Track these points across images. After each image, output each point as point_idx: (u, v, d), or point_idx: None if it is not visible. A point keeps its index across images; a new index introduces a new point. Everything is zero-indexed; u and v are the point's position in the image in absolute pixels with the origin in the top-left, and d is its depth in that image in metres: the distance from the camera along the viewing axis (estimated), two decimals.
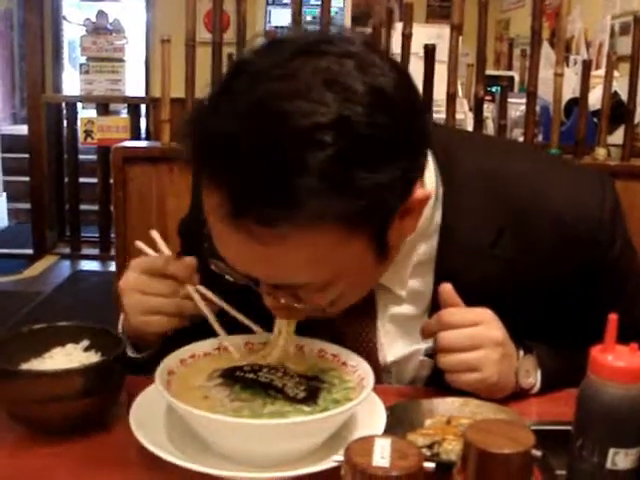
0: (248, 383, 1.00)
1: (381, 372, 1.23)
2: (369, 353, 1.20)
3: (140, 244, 1.18)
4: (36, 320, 1.17)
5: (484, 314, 1.12)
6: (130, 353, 1.18)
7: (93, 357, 1.10)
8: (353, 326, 1.22)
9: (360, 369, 1.03)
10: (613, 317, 0.82)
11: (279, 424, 0.91)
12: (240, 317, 1.13)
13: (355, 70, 0.90)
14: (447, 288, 1.12)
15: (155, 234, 1.18)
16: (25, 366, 1.08)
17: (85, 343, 1.13)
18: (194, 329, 1.13)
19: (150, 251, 1.17)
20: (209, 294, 1.13)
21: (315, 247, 0.92)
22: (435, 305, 1.16)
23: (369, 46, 0.96)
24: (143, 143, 3.59)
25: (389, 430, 0.97)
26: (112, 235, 5.48)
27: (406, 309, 1.21)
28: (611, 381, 0.81)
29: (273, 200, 0.86)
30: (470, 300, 1.12)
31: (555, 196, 1.16)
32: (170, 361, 1.03)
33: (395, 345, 1.23)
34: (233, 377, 1.02)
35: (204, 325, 1.12)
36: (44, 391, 1.00)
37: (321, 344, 1.10)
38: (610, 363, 0.81)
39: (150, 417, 1.00)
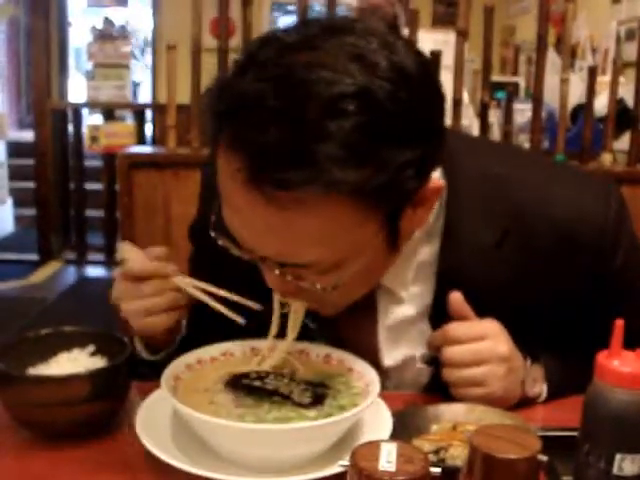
0: (254, 390, 1.01)
1: (383, 376, 1.22)
2: (370, 357, 1.20)
3: (125, 249, 1.15)
4: (41, 326, 1.17)
5: (490, 328, 1.11)
6: (145, 356, 1.19)
7: (99, 362, 1.10)
8: (354, 329, 1.22)
9: (366, 375, 1.03)
10: (619, 323, 0.82)
11: (283, 429, 0.91)
12: (232, 296, 1.11)
13: (379, 47, 0.92)
14: (457, 298, 1.11)
15: (126, 245, 1.15)
16: (31, 371, 1.08)
17: (91, 348, 1.13)
18: (207, 328, 1.13)
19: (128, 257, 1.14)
20: (195, 281, 1.12)
21: (329, 220, 0.91)
22: (437, 309, 1.16)
23: (391, 29, 0.98)
24: (148, 149, 3.59)
25: (395, 436, 0.97)
26: (118, 241, 5.49)
27: (406, 312, 1.20)
28: (617, 387, 0.81)
29: (293, 163, 0.86)
30: (473, 302, 1.11)
31: (558, 203, 1.16)
32: (176, 366, 1.03)
33: (394, 349, 1.23)
34: (239, 385, 1.02)
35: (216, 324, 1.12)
36: (50, 396, 1.00)
37: (327, 350, 1.10)
38: (616, 369, 0.81)
39: (156, 422, 1.00)
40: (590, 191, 1.19)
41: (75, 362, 1.10)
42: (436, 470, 0.70)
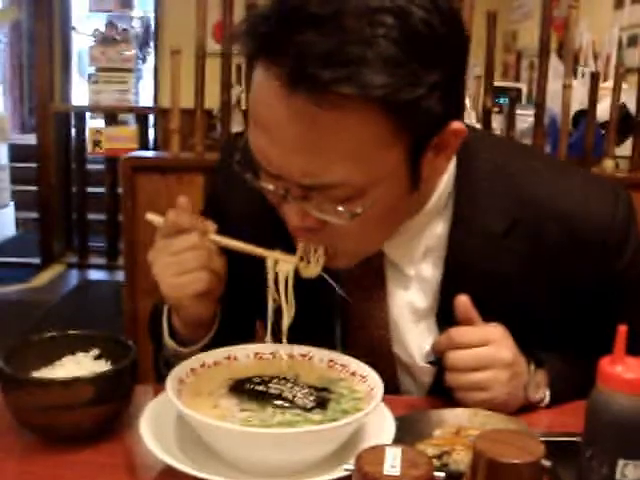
0: (257, 394, 1.01)
1: (395, 363, 1.23)
2: (381, 341, 1.22)
3: (151, 215, 1.16)
4: (44, 330, 1.17)
5: (494, 333, 1.12)
6: (177, 347, 1.19)
7: (103, 365, 1.11)
8: (365, 314, 1.23)
9: (369, 379, 1.03)
10: (622, 328, 0.82)
11: (288, 433, 0.91)
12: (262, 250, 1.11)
13: None
14: (464, 301, 1.11)
15: (151, 215, 1.16)
16: (35, 374, 1.09)
17: (95, 351, 1.14)
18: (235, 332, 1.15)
19: (160, 220, 1.15)
20: (233, 241, 1.11)
21: (360, 131, 0.94)
22: (444, 296, 1.17)
23: None
24: (152, 153, 3.60)
25: (398, 440, 0.97)
26: (120, 244, 5.49)
27: (415, 297, 1.21)
28: (620, 392, 0.81)
29: (331, 63, 0.89)
30: (479, 292, 1.12)
31: (568, 199, 1.17)
32: (180, 370, 1.04)
33: (403, 336, 1.23)
34: (243, 389, 1.02)
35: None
36: (54, 399, 1.00)
37: (330, 354, 1.11)
38: (619, 374, 0.81)
39: (160, 425, 1.00)
40: (599, 190, 1.20)
41: (79, 365, 1.11)
42: (440, 474, 0.70)
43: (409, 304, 1.22)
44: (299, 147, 0.95)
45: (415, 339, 1.22)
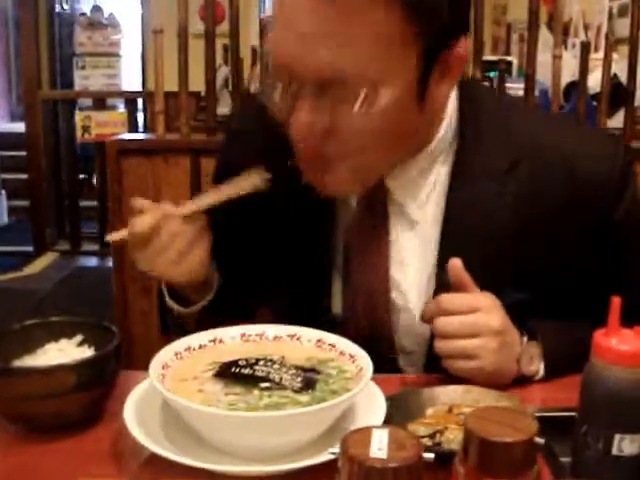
0: (243, 377, 0.99)
1: (392, 309, 1.24)
2: (380, 284, 1.22)
3: (114, 235, 1.22)
4: (37, 318, 1.14)
5: (484, 300, 1.10)
6: (177, 306, 1.28)
7: (86, 352, 1.08)
8: (365, 258, 1.23)
9: (358, 359, 1.01)
10: (616, 300, 0.81)
11: (274, 416, 0.89)
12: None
13: None
14: (456, 264, 1.10)
15: (114, 235, 1.21)
16: (18, 363, 1.06)
17: (79, 338, 1.11)
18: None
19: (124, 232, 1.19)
20: (195, 201, 1.18)
21: (377, 24, 0.98)
22: (444, 241, 1.18)
23: None
24: (137, 136, 3.58)
25: (390, 420, 0.95)
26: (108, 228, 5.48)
27: (417, 242, 1.22)
28: (615, 365, 0.79)
29: None
30: (476, 238, 1.14)
31: (570, 142, 1.19)
32: (165, 354, 1.01)
33: (402, 284, 1.23)
34: (228, 373, 1.00)
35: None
36: (36, 388, 0.98)
37: (319, 334, 1.08)
38: (614, 347, 0.80)
39: (144, 412, 0.98)
40: (600, 136, 1.27)
41: (62, 352, 1.09)
42: (429, 455, 0.67)
43: (411, 250, 1.22)
44: (320, 32, 0.99)
45: (415, 287, 1.23)
